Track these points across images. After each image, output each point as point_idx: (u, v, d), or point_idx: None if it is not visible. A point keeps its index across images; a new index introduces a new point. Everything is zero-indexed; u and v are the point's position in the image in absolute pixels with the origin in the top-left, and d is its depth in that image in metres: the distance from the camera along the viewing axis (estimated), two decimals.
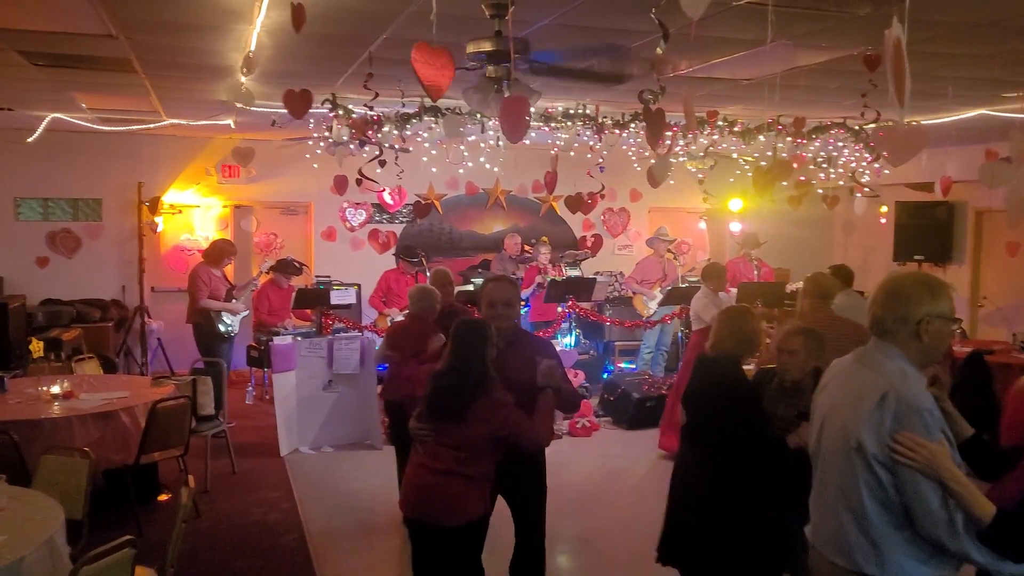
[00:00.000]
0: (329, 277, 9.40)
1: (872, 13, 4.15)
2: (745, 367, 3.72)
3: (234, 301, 8.29)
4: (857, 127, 7.51)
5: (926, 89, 6.15)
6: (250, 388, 9.16)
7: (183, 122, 8.55)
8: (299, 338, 7.52)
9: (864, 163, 7.97)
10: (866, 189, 7.85)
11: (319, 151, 7.23)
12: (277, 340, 7.42)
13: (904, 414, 2.25)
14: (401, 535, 5.43)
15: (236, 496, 6.09)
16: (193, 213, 10.11)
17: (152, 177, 9.81)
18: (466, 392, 3.41)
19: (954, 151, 8.33)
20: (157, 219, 9.78)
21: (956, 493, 2.19)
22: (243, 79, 6.14)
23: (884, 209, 10.18)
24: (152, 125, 8.64)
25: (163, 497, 5.98)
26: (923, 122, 7.56)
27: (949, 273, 10.39)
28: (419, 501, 3.48)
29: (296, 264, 8.89)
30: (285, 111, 5.61)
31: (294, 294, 8.44)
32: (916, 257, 10.43)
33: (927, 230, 10.36)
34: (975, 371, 6.92)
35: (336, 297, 8.29)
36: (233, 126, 8.70)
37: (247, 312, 8.61)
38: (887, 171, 7.97)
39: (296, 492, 6.19)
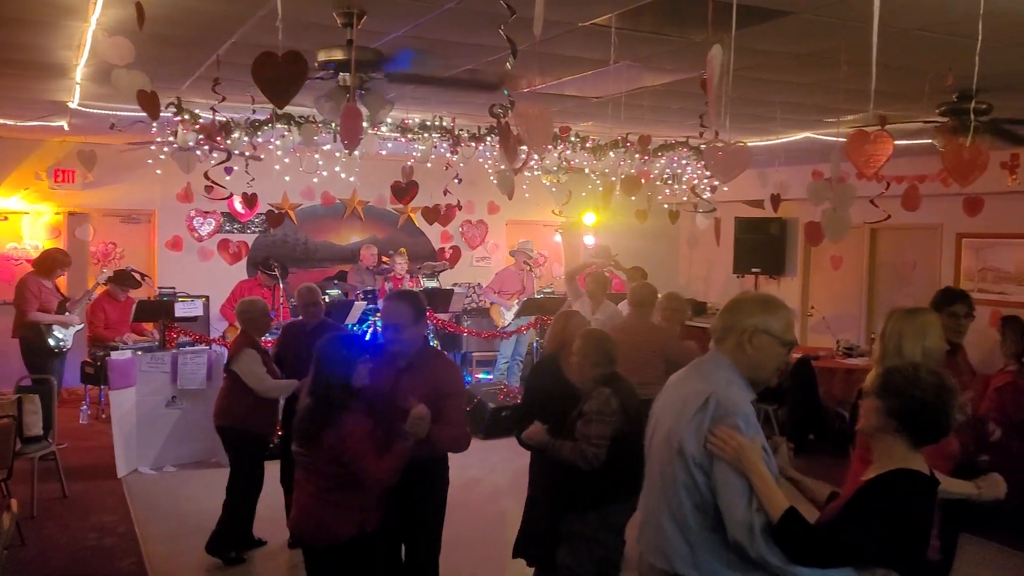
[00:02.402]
0: (174, 289, 8.98)
1: (707, 40, 4.42)
2: None
3: (67, 314, 7.77)
4: (699, 146, 7.94)
5: (757, 112, 6.61)
6: (84, 406, 8.59)
7: (10, 123, 7.97)
8: (139, 352, 7.13)
9: (705, 180, 8.43)
10: (711, 207, 8.29)
11: (163, 156, 6.92)
12: (115, 355, 7.01)
13: (722, 416, 2.34)
14: (247, 555, 5.28)
15: (67, 521, 5.71)
16: (21, 220, 9.41)
17: None
18: (321, 418, 3.36)
19: (785, 170, 8.95)
20: None
21: (757, 487, 2.26)
22: (78, 79, 5.82)
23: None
24: None
25: None
26: (755, 143, 8.09)
27: (783, 285, 11.14)
28: (296, 520, 3.54)
29: (136, 275, 8.43)
30: (124, 113, 5.35)
31: (134, 306, 8.00)
32: (753, 270, 11.10)
33: (763, 244, 11.06)
34: (803, 375, 7.47)
35: (181, 309, 7.92)
36: (67, 128, 8.18)
37: (81, 326, 8.09)
38: (726, 188, 8.47)
39: (134, 515, 5.87)
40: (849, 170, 4.67)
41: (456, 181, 7.87)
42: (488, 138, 7.36)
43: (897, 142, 6.40)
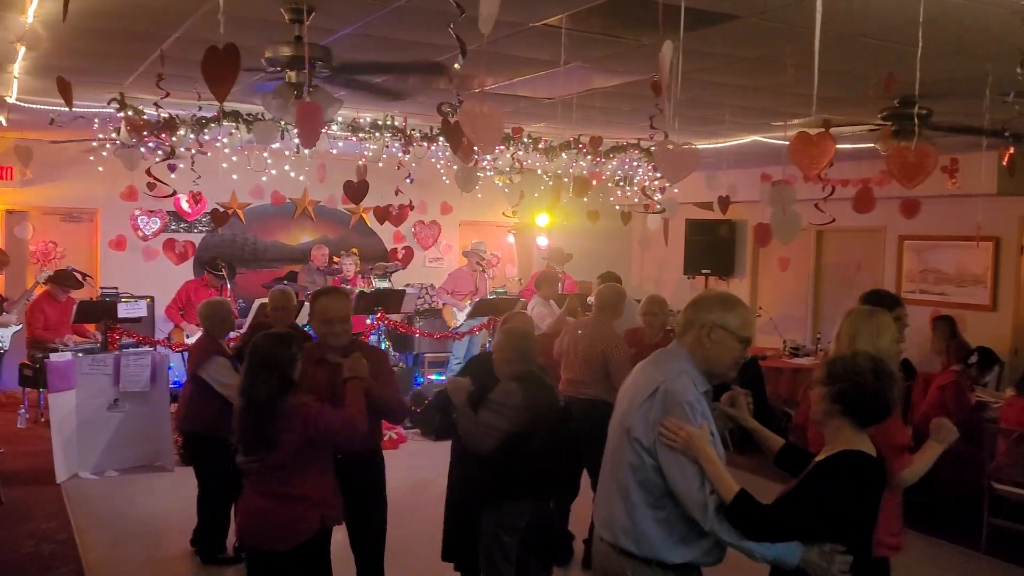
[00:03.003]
0: (116, 289, 8.77)
1: (657, 42, 4.46)
2: None
3: (4, 315, 7.54)
4: (650, 148, 8.01)
5: (706, 115, 6.68)
6: (23, 410, 8.31)
7: None
8: (80, 355, 6.95)
9: (656, 181, 8.51)
10: (658, 207, 8.37)
11: (105, 153, 6.75)
12: (55, 357, 6.81)
13: (671, 406, 2.49)
14: (191, 561, 5.18)
15: (3, 528, 5.52)
16: None
17: None
18: (261, 419, 3.30)
19: (733, 173, 9.09)
20: None
21: (708, 471, 2.42)
22: (15, 72, 5.65)
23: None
24: None
25: None
26: (704, 146, 8.19)
27: (732, 286, 11.29)
28: (251, 527, 3.44)
29: (78, 275, 8.21)
30: (64, 109, 5.21)
31: (75, 307, 7.79)
32: (704, 271, 11.23)
33: (713, 246, 11.20)
34: (750, 375, 7.58)
35: (124, 310, 7.73)
36: (5, 123, 7.92)
37: (19, 327, 7.86)
38: (676, 190, 8.56)
39: (74, 521, 5.71)
40: (796, 173, 4.75)
41: (408, 181, 7.82)
42: (441, 138, 7.34)
43: (842, 146, 6.56)
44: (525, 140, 7.66)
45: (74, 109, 5.07)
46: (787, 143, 4.22)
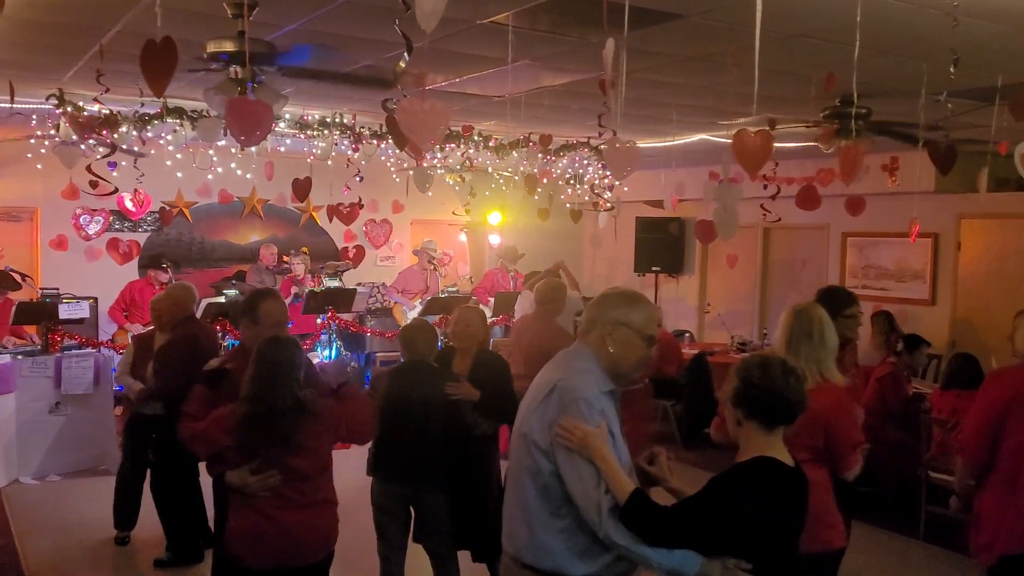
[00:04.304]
0: (57, 290, 8.54)
1: (603, 40, 4.49)
2: None
3: None
4: (599, 147, 8.07)
5: (653, 114, 6.76)
6: None
7: None
8: (20, 357, 6.77)
9: (606, 180, 8.59)
10: (608, 204, 8.45)
11: (43, 151, 6.58)
12: None
13: (567, 403, 2.37)
14: (134, 565, 5.08)
15: None
16: None
17: None
18: (295, 422, 3.19)
19: (683, 171, 9.19)
20: None
21: (603, 471, 2.29)
22: None
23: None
24: None
25: None
26: (653, 144, 8.28)
27: (682, 283, 11.45)
28: (286, 546, 3.21)
29: (16, 276, 7.99)
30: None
31: (14, 308, 7.58)
32: (654, 268, 11.35)
33: (663, 244, 11.32)
34: (699, 371, 7.69)
35: (66, 311, 7.54)
36: None
37: None
38: (626, 188, 8.65)
39: (15, 528, 5.58)
40: (743, 171, 4.82)
41: (358, 179, 7.77)
42: (391, 136, 7.30)
43: (788, 145, 6.67)
44: (475, 138, 7.67)
45: (18, 104, 4.96)
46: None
